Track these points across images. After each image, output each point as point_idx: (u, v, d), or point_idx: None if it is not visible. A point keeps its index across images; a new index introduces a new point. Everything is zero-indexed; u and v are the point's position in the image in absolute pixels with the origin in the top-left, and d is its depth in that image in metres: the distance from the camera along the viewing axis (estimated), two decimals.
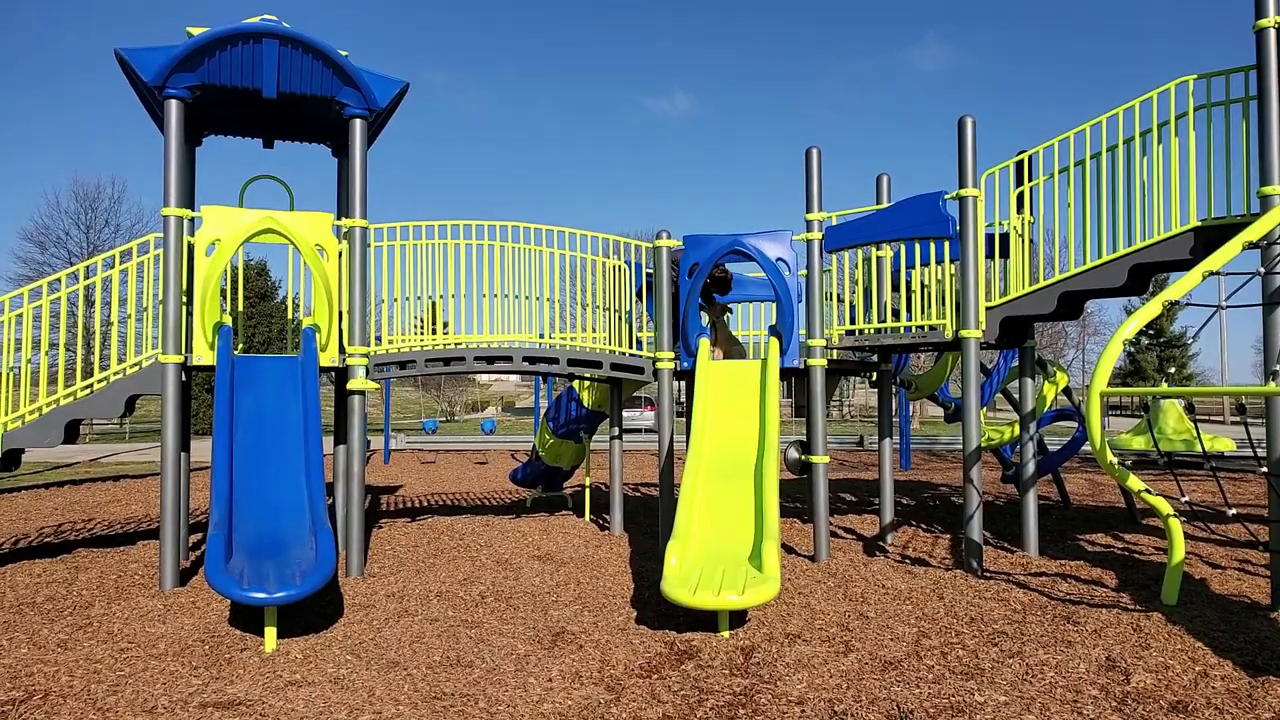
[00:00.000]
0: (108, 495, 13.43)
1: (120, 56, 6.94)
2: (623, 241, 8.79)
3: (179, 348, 7.01)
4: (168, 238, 7.04)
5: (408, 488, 14.70)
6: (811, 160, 7.73)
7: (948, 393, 10.95)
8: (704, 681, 4.76)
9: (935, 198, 7.24)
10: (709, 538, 6.37)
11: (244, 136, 8.61)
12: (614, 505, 9.43)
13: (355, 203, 7.55)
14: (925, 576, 7.05)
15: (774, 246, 7.84)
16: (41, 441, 7.14)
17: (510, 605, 6.35)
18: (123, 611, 6.20)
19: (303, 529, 6.14)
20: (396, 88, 7.64)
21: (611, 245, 8.71)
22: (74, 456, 21.60)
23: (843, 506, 11.23)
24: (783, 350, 7.70)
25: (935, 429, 32.96)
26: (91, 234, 42.65)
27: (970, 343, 7.19)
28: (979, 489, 7.28)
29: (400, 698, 4.52)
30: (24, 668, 5.02)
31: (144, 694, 4.60)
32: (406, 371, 8.13)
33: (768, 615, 5.97)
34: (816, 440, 7.80)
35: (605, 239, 8.68)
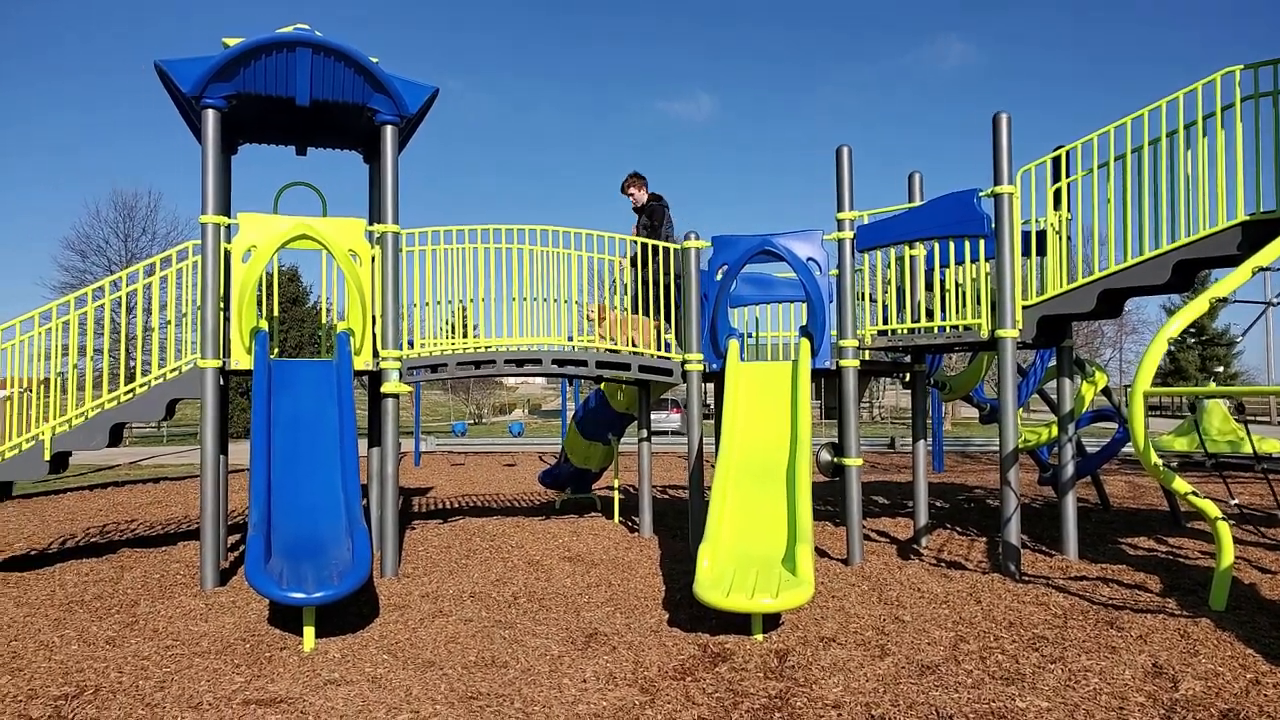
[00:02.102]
0: (149, 497, 13.67)
1: (159, 68, 7.06)
2: (650, 243, 8.78)
3: (217, 352, 7.11)
4: (205, 244, 7.15)
5: (438, 489, 14.80)
6: (842, 159, 7.68)
7: (982, 394, 10.83)
8: (738, 684, 4.74)
9: (969, 195, 7.17)
10: (741, 540, 6.35)
11: (278, 144, 8.71)
12: (643, 507, 9.42)
13: (387, 208, 7.62)
14: (961, 580, 6.97)
15: (804, 246, 7.80)
16: (87, 444, 7.28)
17: (543, 606, 6.37)
18: (167, 610, 6.30)
19: (339, 530, 6.20)
20: (426, 93, 7.70)
21: (637, 248, 8.70)
22: (115, 459, 21.98)
23: (875, 509, 11.15)
24: (814, 351, 7.66)
25: (968, 430, 32.62)
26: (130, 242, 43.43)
27: (1007, 343, 7.10)
28: (1016, 491, 7.19)
29: (437, 697, 4.55)
30: (75, 664, 5.13)
31: (189, 690, 4.67)
32: (438, 374, 8.19)
33: (801, 619, 5.93)
34: (849, 442, 7.75)
35: (634, 241, 8.68)
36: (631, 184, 9.61)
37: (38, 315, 7.46)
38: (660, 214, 9.26)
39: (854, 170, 7.68)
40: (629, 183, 9.64)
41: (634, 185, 9.60)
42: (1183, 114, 6.60)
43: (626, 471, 12.62)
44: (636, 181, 9.61)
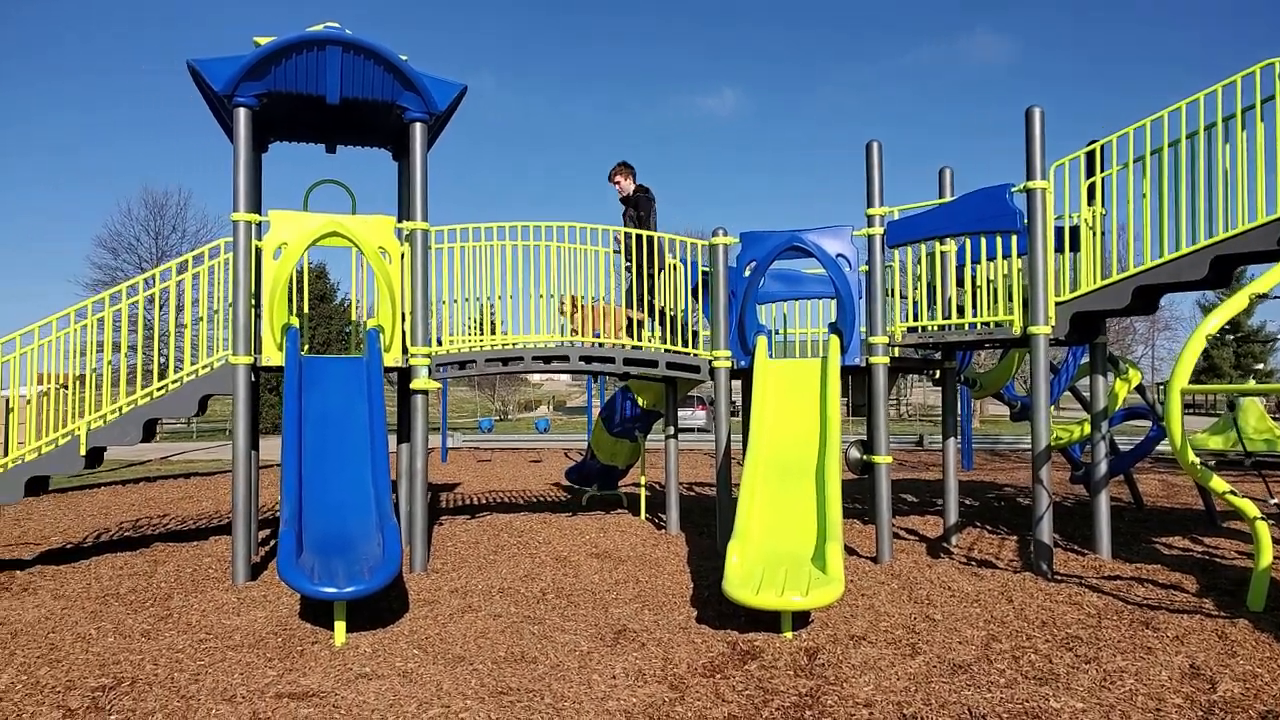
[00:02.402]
0: (180, 492, 13.84)
1: (192, 67, 7.13)
2: (678, 239, 8.77)
3: (249, 349, 7.18)
4: (237, 242, 7.21)
5: (466, 485, 14.87)
6: (872, 154, 7.62)
7: (1013, 391, 10.72)
8: (768, 682, 4.73)
9: (1002, 190, 7.09)
10: (770, 538, 6.33)
11: (307, 142, 8.78)
12: (670, 504, 9.41)
13: (416, 205, 7.66)
14: (992, 579, 6.91)
15: (834, 242, 7.75)
16: (121, 440, 7.38)
17: (571, 602, 6.38)
18: (200, 604, 6.38)
19: (369, 526, 6.25)
20: (455, 91, 7.73)
21: (666, 243, 8.70)
22: (146, 454, 22.30)
23: (904, 507, 11.07)
24: (843, 348, 7.61)
25: (997, 428, 32.31)
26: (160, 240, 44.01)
27: (1040, 339, 7.02)
28: (1048, 489, 7.11)
29: (467, 692, 4.57)
30: (112, 656, 5.21)
31: (223, 683, 4.72)
32: (466, 371, 8.22)
33: (831, 616, 5.90)
34: (879, 440, 7.70)
35: (660, 237, 8.67)
36: (619, 173, 9.44)
37: (73, 312, 7.57)
38: (648, 205, 9.13)
39: (884, 166, 7.63)
40: (616, 172, 9.47)
41: (621, 175, 9.43)
42: (1220, 107, 6.48)
43: (652, 468, 12.61)
44: (624, 171, 9.44)
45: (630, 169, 9.49)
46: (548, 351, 8.25)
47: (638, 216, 9.15)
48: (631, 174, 9.47)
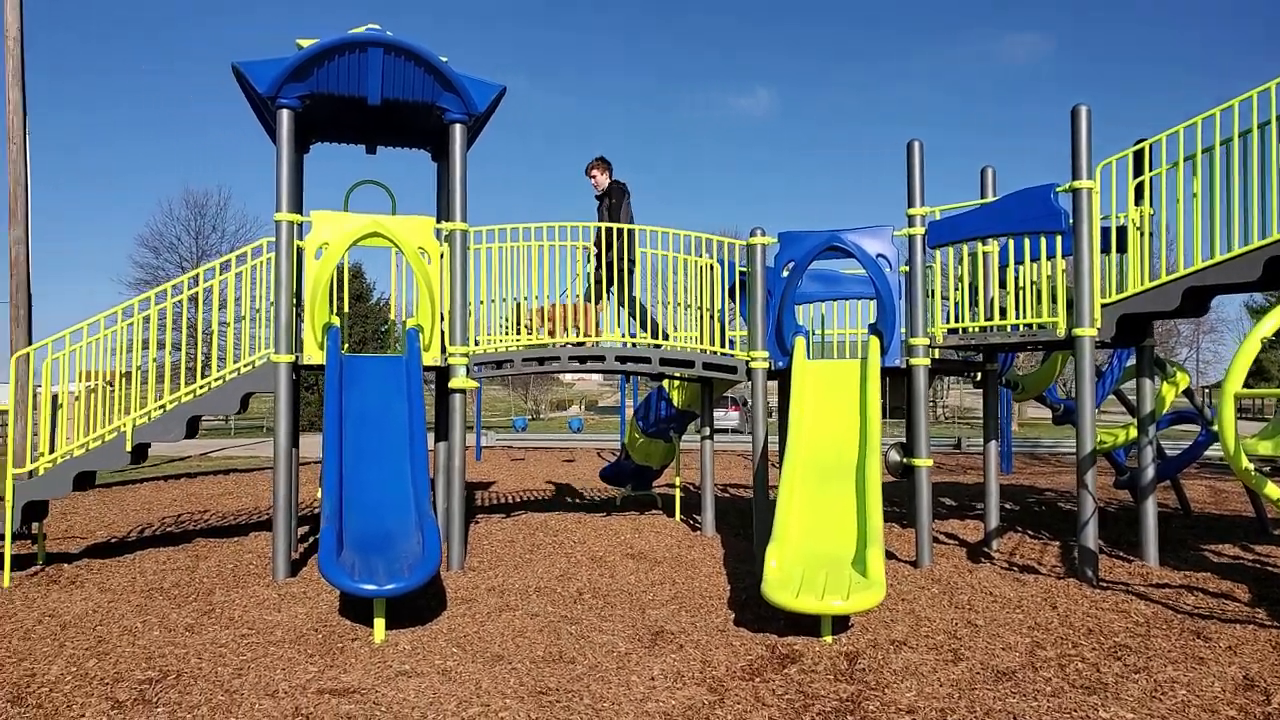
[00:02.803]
0: (220, 488, 14.04)
1: (236, 69, 7.22)
2: (715, 239, 8.73)
3: (291, 347, 7.25)
4: (280, 242, 7.29)
5: (500, 484, 14.94)
6: (913, 153, 7.54)
7: (1055, 394, 10.54)
8: (808, 686, 4.68)
9: (1046, 190, 6.98)
10: (809, 541, 6.27)
11: (348, 143, 8.86)
12: (705, 506, 9.38)
13: (455, 206, 7.69)
14: (1035, 585, 6.80)
15: (874, 242, 7.67)
16: (165, 436, 7.49)
17: (608, 603, 6.37)
18: (241, 599, 6.45)
19: (408, 523, 6.28)
20: (494, 92, 7.75)
21: (703, 243, 8.66)
22: (186, 451, 22.66)
23: (943, 511, 10.94)
24: (884, 349, 7.53)
25: (1036, 431, 31.88)
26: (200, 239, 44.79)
27: (1085, 341, 6.89)
28: (1093, 494, 6.98)
29: (506, 691, 4.58)
30: (157, 649, 5.29)
31: (266, 678, 4.77)
32: (503, 371, 8.25)
33: (871, 621, 5.84)
34: (919, 442, 7.61)
35: (696, 237, 8.64)
36: (595, 168, 9.28)
37: (120, 310, 7.70)
38: (620, 194, 9.01)
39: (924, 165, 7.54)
40: (593, 166, 9.30)
41: (598, 169, 9.27)
42: (1275, 104, 6.31)
43: (686, 469, 12.58)
44: (601, 165, 9.28)
45: (607, 164, 9.29)
46: (584, 351, 8.26)
47: (610, 206, 9.01)
48: (608, 169, 9.30)
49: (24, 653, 5.22)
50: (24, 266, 16.95)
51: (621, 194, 9.04)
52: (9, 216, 16.46)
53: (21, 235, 16.97)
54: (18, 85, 17.00)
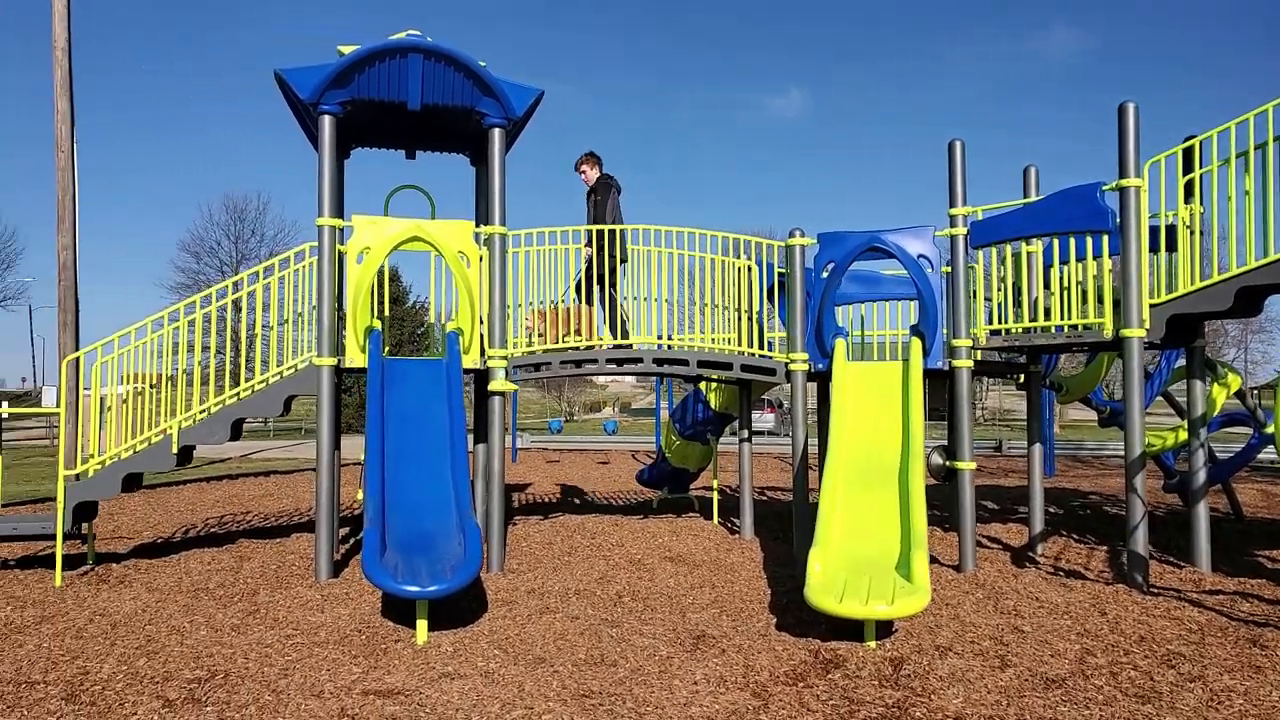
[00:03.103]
0: (261, 490, 14.22)
1: (279, 76, 7.31)
2: (753, 240, 8.68)
3: (333, 351, 7.32)
4: (322, 246, 7.37)
5: (536, 486, 14.98)
6: (954, 153, 7.46)
7: (1101, 396, 10.36)
8: (853, 692, 4.63)
9: (1093, 189, 6.85)
10: (852, 545, 6.21)
11: (388, 148, 8.95)
12: (744, 509, 9.33)
13: (495, 210, 7.72)
14: (1083, 590, 6.68)
15: (915, 243, 7.59)
16: (210, 439, 7.59)
17: (648, 606, 6.35)
18: (285, 600, 6.52)
19: (450, 525, 6.32)
20: (532, 96, 7.77)
21: (741, 245, 8.61)
22: (226, 453, 22.99)
23: (985, 514, 10.78)
24: (925, 351, 7.45)
25: (1077, 433, 31.37)
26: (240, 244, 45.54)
27: (1133, 342, 6.76)
28: (1143, 498, 6.84)
29: (549, 694, 4.58)
30: (204, 649, 5.36)
31: (311, 679, 4.81)
32: (541, 373, 8.26)
33: (915, 626, 5.77)
34: (962, 445, 7.51)
35: (735, 238, 8.60)
36: (585, 163, 9.11)
37: (166, 315, 7.83)
38: (605, 190, 8.83)
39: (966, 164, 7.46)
40: (582, 162, 9.10)
41: (587, 164, 9.10)
42: None
43: (723, 472, 12.52)
44: (590, 161, 9.10)
45: (596, 159, 9.13)
46: (622, 354, 8.25)
47: (596, 202, 8.88)
48: (598, 164, 9.12)
49: (77, 651, 5.32)
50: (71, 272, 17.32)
51: (608, 190, 8.87)
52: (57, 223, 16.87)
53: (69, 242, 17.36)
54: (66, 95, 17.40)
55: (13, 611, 6.24)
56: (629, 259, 8.61)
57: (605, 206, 8.81)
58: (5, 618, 6.08)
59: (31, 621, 5.97)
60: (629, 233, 8.61)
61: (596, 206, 8.86)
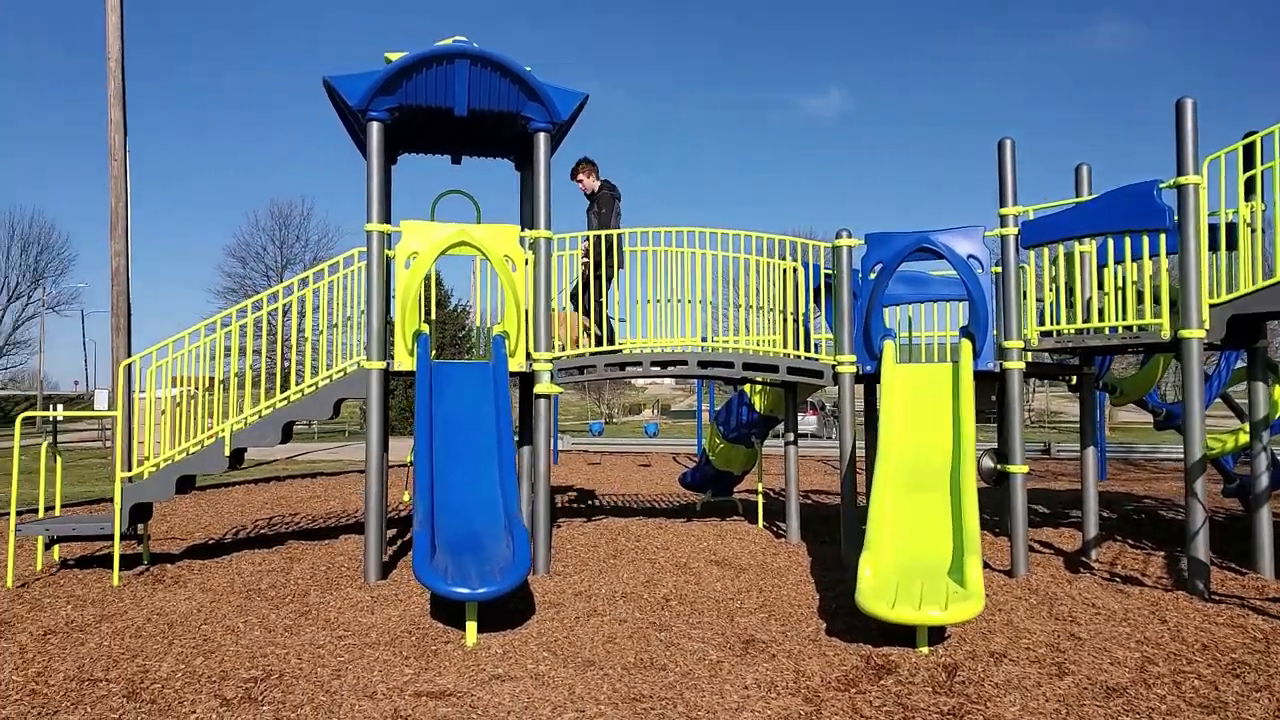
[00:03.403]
0: (308, 491, 14.42)
1: (327, 83, 7.41)
2: (799, 242, 8.62)
3: (382, 354, 7.40)
4: (371, 252, 7.45)
5: (578, 488, 15.01)
6: (1005, 152, 7.34)
7: (1157, 398, 10.13)
8: (907, 698, 4.57)
9: (1149, 187, 6.70)
10: (903, 550, 6.13)
11: (434, 154, 9.02)
12: (790, 513, 9.26)
13: (540, 214, 7.75)
14: (1140, 597, 6.53)
15: (965, 243, 7.48)
16: (262, 441, 7.71)
17: (695, 610, 6.33)
18: (336, 601, 6.59)
19: (498, 527, 6.35)
20: (577, 100, 7.79)
21: (787, 246, 8.55)
22: (272, 455, 23.33)
23: (1035, 518, 10.59)
24: (976, 353, 7.33)
25: (1128, 435, 30.70)
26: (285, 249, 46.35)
27: (1192, 343, 6.60)
28: (1204, 503, 6.67)
29: (600, 697, 4.57)
30: (259, 649, 5.43)
31: (364, 679, 4.86)
32: (585, 376, 8.26)
33: (968, 632, 5.68)
34: (1014, 448, 7.38)
35: (779, 239, 8.54)
36: (581, 171, 8.84)
37: (219, 319, 7.97)
38: (609, 202, 8.66)
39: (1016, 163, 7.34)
40: (579, 170, 8.85)
41: (584, 172, 8.82)
42: None
43: (766, 474, 12.45)
44: (587, 168, 8.85)
45: (593, 165, 8.87)
46: (666, 356, 8.24)
47: (599, 214, 8.70)
48: (594, 171, 8.87)
49: (136, 649, 5.42)
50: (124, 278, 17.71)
51: (611, 201, 8.71)
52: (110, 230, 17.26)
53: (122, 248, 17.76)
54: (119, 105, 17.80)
55: (73, 610, 6.39)
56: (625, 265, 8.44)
57: (611, 216, 8.70)
58: (67, 616, 6.22)
59: (92, 620, 6.11)
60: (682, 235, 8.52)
61: (600, 216, 8.73)
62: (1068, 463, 19.45)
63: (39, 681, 4.87)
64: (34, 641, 5.61)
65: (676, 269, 8.23)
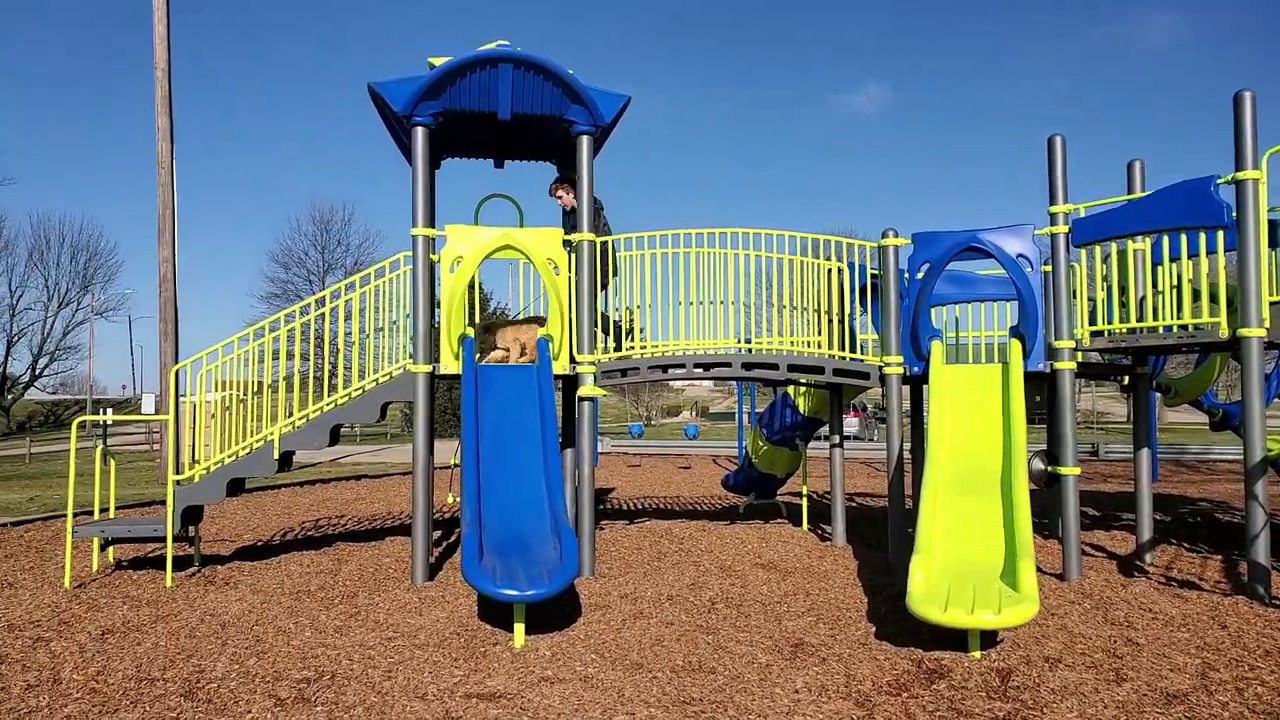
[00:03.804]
0: (352, 494, 14.59)
1: (372, 89, 7.48)
2: (844, 242, 8.55)
3: (428, 358, 7.46)
4: (416, 256, 7.51)
5: (619, 490, 15.02)
6: (1055, 149, 7.22)
7: (1212, 398, 9.89)
8: (960, 704, 4.50)
9: (1206, 183, 6.54)
10: (953, 553, 6.05)
11: (477, 158, 9.08)
12: (836, 515, 9.18)
13: (583, 217, 7.76)
14: (1199, 601, 6.38)
15: (1014, 242, 7.36)
16: (310, 444, 7.80)
17: (742, 613, 6.29)
18: (384, 602, 6.65)
19: (544, 529, 6.37)
20: (620, 102, 7.79)
21: (832, 246, 8.48)
22: (315, 458, 23.65)
23: (1086, 521, 10.39)
24: (1026, 353, 7.22)
25: (1178, 435, 30.05)
26: (326, 253, 47.01)
27: (1252, 342, 6.43)
28: (1264, 506, 6.50)
29: (650, 700, 4.56)
30: (310, 650, 5.49)
31: (414, 681, 4.89)
32: (628, 379, 8.24)
33: (1021, 636, 5.58)
34: (1065, 449, 7.26)
35: (823, 239, 8.47)
36: (560, 187, 8.63)
37: (267, 324, 8.08)
38: (597, 215, 8.41)
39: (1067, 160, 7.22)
40: (558, 187, 8.64)
41: (563, 189, 8.60)
42: None
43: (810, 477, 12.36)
44: (566, 186, 8.57)
45: (571, 183, 8.48)
46: (710, 359, 8.20)
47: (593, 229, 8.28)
48: (573, 188, 8.39)
49: (191, 650, 5.51)
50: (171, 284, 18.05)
51: (597, 212, 8.47)
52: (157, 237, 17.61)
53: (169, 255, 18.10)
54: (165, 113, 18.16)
55: (129, 611, 6.51)
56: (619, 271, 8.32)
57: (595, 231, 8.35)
58: (123, 616, 6.34)
59: (147, 620, 6.22)
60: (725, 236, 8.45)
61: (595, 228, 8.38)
62: (1117, 464, 19.09)
63: (99, 680, 4.96)
64: (93, 641, 5.72)
65: (717, 270, 8.17)
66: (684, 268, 8.16)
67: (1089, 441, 23.91)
